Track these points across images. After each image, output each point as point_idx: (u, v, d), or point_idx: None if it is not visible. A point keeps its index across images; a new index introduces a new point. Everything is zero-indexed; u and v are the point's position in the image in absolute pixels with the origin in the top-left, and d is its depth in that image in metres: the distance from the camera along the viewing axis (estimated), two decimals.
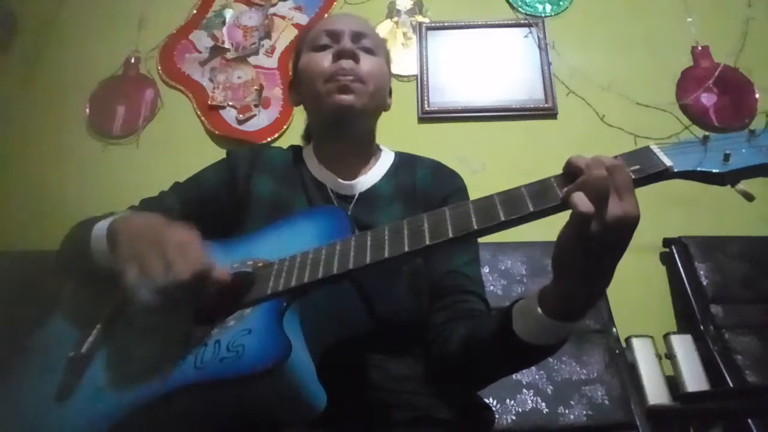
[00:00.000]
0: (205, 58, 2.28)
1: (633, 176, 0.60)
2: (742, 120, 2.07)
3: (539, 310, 0.66)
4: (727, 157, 0.58)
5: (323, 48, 1.01)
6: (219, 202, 0.98)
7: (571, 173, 0.62)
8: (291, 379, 0.61)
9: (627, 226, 0.58)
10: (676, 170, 0.60)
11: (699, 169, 0.59)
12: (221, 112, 2.18)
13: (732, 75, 2.13)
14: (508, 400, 1.45)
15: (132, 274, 0.68)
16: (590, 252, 0.60)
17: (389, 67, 1.10)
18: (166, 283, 0.66)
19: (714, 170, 0.59)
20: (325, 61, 0.98)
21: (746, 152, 0.58)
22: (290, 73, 1.11)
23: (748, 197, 0.58)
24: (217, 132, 2.14)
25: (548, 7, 2.31)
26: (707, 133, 0.61)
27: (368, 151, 1.06)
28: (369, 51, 1.01)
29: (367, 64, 0.99)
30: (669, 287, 1.85)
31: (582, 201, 0.57)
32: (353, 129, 1.01)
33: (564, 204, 0.61)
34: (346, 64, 0.96)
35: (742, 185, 0.59)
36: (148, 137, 2.16)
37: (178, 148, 2.08)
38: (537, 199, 0.62)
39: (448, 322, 0.87)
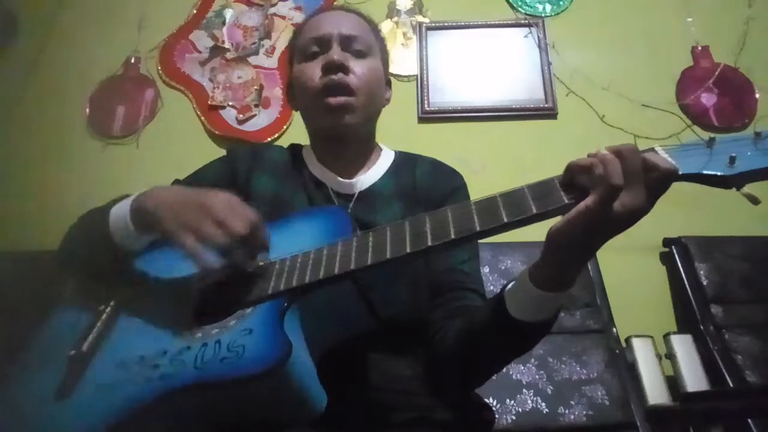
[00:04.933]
0: (205, 58, 2.27)
1: None
2: (742, 120, 2.07)
3: (532, 285, 0.68)
4: (732, 160, 0.58)
5: (313, 56, 0.98)
6: None
7: (576, 174, 0.62)
8: (291, 379, 0.61)
9: (641, 215, 0.60)
10: (681, 173, 0.59)
11: (704, 172, 0.59)
12: (221, 112, 2.18)
13: (732, 75, 2.13)
14: (508, 400, 1.45)
15: (189, 241, 0.70)
16: (594, 233, 0.62)
17: (386, 59, 1.07)
18: (227, 241, 0.69)
19: (719, 173, 0.58)
20: (315, 73, 0.96)
21: (752, 155, 0.58)
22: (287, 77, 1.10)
23: (754, 201, 0.58)
24: (217, 132, 2.14)
25: (548, 7, 2.31)
26: (712, 135, 0.60)
27: (367, 151, 1.06)
28: (360, 54, 0.98)
29: (358, 72, 0.96)
30: (669, 287, 1.85)
31: (618, 174, 0.58)
32: (351, 141, 1.00)
33: (567, 206, 0.61)
34: (336, 78, 0.94)
35: (748, 189, 0.58)
36: (148, 137, 2.15)
37: (178, 148, 2.08)
38: (540, 201, 0.62)
39: (446, 319, 0.87)
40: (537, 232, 0.68)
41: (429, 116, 2.15)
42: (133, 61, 2.26)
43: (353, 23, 1.02)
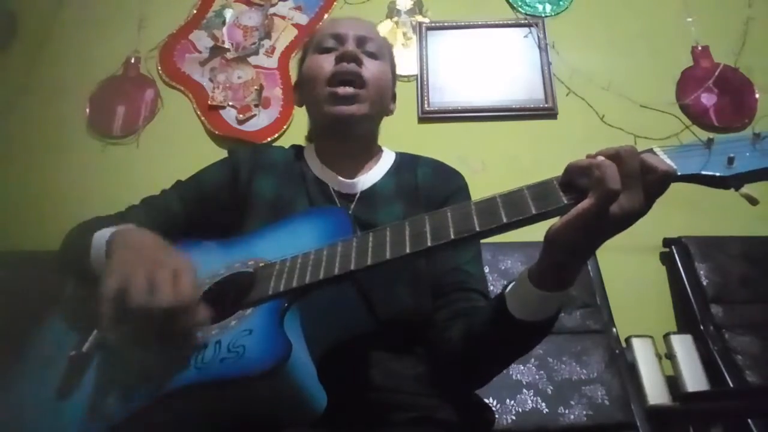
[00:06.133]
0: (205, 58, 2.27)
1: None
2: (742, 120, 2.07)
3: (531, 285, 0.68)
4: (731, 161, 0.58)
5: (327, 50, 1.01)
6: (220, 201, 0.98)
7: (575, 175, 0.62)
8: (291, 380, 0.61)
9: (637, 217, 0.60)
10: (679, 174, 0.60)
11: (703, 172, 0.59)
12: (221, 112, 2.18)
13: (732, 75, 2.13)
14: (508, 400, 1.45)
15: (112, 283, 0.65)
16: (591, 234, 0.62)
17: (394, 72, 1.10)
18: (142, 304, 0.63)
19: (718, 174, 0.58)
20: (327, 63, 0.99)
21: (750, 156, 0.58)
22: (296, 74, 1.12)
23: (753, 201, 0.58)
24: (217, 132, 2.14)
25: (548, 7, 2.32)
26: (711, 136, 0.61)
27: (369, 152, 1.07)
28: (373, 55, 1.02)
29: (369, 68, 0.99)
30: (669, 287, 1.85)
31: (615, 178, 0.58)
32: (354, 134, 1.01)
33: (567, 206, 0.61)
34: (348, 66, 0.97)
35: (746, 189, 0.58)
36: (148, 137, 2.16)
37: (178, 148, 2.08)
38: (539, 202, 0.63)
39: (450, 320, 0.87)
40: (537, 233, 0.68)
41: (429, 116, 2.15)
42: (133, 61, 2.26)
43: (369, 28, 1.07)
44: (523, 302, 0.71)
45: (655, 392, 1.50)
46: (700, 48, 2.19)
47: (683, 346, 1.60)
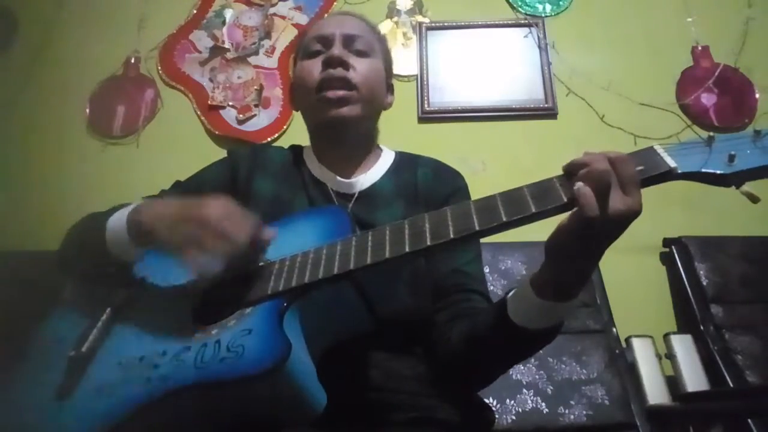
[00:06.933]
0: (205, 58, 2.27)
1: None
2: (742, 120, 2.07)
3: (532, 293, 0.68)
4: (731, 158, 0.58)
5: (315, 54, 1.00)
6: None
7: (572, 173, 0.62)
8: (291, 379, 0.61)
9: (628, 219, 0.59)
10: (680, 171, 0.59)
11: (703, 170, 0.59)
12: (221, 112, 2.18)
13: (732, 75, 2.13)
14: (508, 400, 1.45)
15: (192, 255, 0.69)
16: (586, 240, 0.62)
17: (388, 64, 1.08)
18: (232, 252, 0.69)
19: (718, 171, 0.58)
20: (314, 69, 0.97)
21: (751, 153, 0.58)
22: (291, 80, 1.11)
23: (754, 199, 0.58)
24: (217, 132, 2.14)
25: (548, 7, 2.31)
26: (711, 134, 0.61)
27: (368, 151, 1.06)
28: (361, 53, 1.00)
29: (358, 68, 0.98)
30: (669, 287, 1.85)
31: (588, 197, 0.58)
32: (349, 135, 1.01)
33: (566, 205, 0.61)
34: (335, 72, 0.95)
35: (747, 187, 0.58)
36: (148, 137, 2.15)
37: (178, 148, 2.08)
38: (539, 200, 0.62)
39: (451, 321, 0.87)
40: (537, 232, 0.68)
41: (429, 116, 2.15)
42: (133, 61, 2.26)
43: (356, 24, 1.04)
44: (524, 309, 0.70)
45: (655, 392, 1.50)
46: (700, 48, 2.19)
47: (683, 346, 1.60)
